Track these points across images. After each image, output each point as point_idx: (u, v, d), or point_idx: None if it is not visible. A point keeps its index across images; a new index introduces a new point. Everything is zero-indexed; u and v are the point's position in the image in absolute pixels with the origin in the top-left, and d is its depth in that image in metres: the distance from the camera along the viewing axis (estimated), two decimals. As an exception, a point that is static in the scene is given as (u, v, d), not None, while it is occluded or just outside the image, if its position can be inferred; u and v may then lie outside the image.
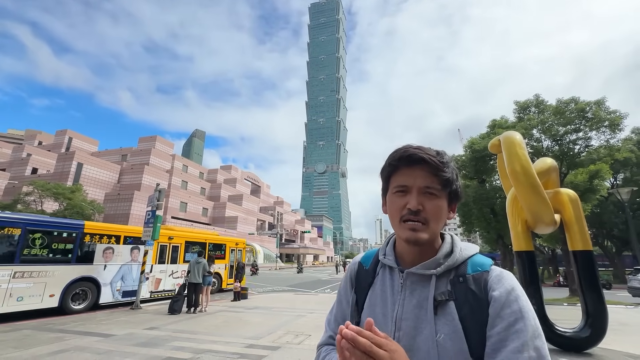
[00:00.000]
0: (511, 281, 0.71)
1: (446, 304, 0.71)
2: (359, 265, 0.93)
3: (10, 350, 5.23)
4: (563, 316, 8.99)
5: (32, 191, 36.04)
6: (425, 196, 0.75)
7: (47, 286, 8.52)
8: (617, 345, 5.29)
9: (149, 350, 5.36)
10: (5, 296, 7.70)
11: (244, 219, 64.95)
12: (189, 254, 12.73)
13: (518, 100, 16.23)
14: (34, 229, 8.61)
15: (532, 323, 0.66)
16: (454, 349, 0.67)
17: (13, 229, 8.22)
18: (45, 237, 8.78)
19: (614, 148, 14.50)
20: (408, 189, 0.76)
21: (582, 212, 4.36)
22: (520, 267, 4.62)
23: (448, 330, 0.69)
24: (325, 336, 0.93)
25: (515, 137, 4.78)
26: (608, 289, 20.46)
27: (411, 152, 0.77)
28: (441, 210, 0.76)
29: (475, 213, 15.62)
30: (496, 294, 0.69)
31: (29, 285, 8.18)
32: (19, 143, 70.13)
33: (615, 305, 12.02)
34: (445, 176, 0.76)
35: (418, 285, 0.77)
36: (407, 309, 0.75)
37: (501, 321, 0.66)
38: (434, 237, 0.78)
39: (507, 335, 0.65)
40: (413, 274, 0.78)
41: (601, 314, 4.07)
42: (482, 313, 0.68)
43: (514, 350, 0.63)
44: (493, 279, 0.72)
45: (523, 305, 0.67)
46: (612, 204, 25.37)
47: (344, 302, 0.92)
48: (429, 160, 0.75)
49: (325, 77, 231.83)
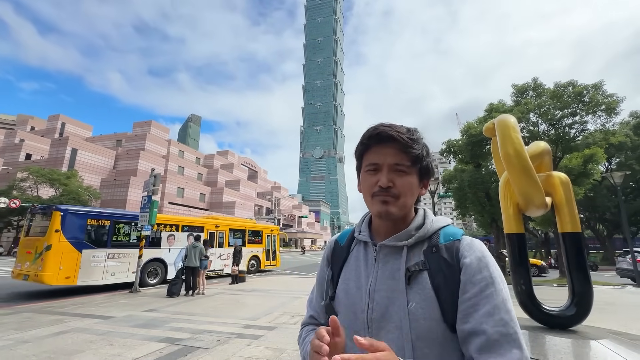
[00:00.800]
0: (481, 249, 0.74)
1: (419, 274, 0.73)
2: (335, 242, 0.95)
3: (11, 332, 5.34)
4: (552, 296, 9.26)
5: (27, 177, 35.74)
6: (395, 173, 0.77)
7: (130, 265, 10.68)
8: (602, 323, 5.49)
9: (147, 331, 5.49)
10: (104, 272, 10.11)
11: (242, 204, 65.10)
12: (232, 239, 15.12)
13: (516, 84, 16.08)
14: (118, 220, 10.87)
15: (501, 288, 0.69)
16: (424, 316, 0.70)
17: (105, 221, 10.43)
18: (127, 227, 11.07)
19: (609, 132, 14.53)
20: (379, 166, 0.78)
21: (573, 195, 4.42)
22: (511, 249, 4.71)
23: (419, 298, 0.71)
24: (307, 316, 0.96)
25: (509, 120, 4.76)
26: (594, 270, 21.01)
27: (381, 130, 0.78)
28: (411, 186, 0.78)
29: (470, 197, 15.75)
30: (467, 260, 0.71)
31: (118, 264, 10.52)
32: (11, 128, 68.95)
33: (603, 286, 12.39)
34: (415, 153, 0.78)
35: (391, 257, 0.79)
36: (380, 281, 0.77)
37: (472, 287, 0.68)
38: (405, 211, 0.80)
39: (479, 300, 0.67)
40: (386, 246, 0.80)
41: (587, 293, 4.20)
42: (454, 280, 0.71)
43: (485, 314, 0.66)
44: (464, 247, 0.74)
45: (493, 271, 0.70)
46: (606, 188, 25.67)
47: (322, 280, 0.94)
48: (398, 137, 0.77)
49: (322, 60, 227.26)
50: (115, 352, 4.37)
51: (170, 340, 4.96)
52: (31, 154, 50.01)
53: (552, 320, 4.21)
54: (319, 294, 0.94)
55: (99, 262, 9.97)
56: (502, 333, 0.64)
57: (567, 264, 4.31)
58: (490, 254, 0.75)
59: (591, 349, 3.60)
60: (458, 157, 17.48)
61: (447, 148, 17.70)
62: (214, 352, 4.41)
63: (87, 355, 4.24)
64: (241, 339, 5.06)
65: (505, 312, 0.66)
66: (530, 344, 3.85)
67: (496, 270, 0.71)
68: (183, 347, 4.64)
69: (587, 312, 4.14)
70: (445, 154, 18.00)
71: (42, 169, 36.47)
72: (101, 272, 10.00)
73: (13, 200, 30.10)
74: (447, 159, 19.31)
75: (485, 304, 0.66)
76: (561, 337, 3.85)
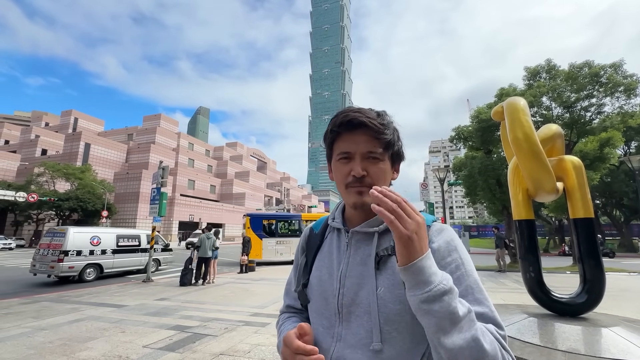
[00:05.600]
0: (450, 233, 0.74)
1: (388, 259, 0.72)
2: (310, 230, 0.95)
3: (29, 320, 5.55)
4: (565, 283, 9.10)
5: (43, 172, 36.80)
6: (368, 161, 0.76)
7: (291, 248, 15.60)
8: (616, 311, 5.36)
9: (158, 319, 5.63)
10: (276, 253, 15.47)
11: (251, 195, 65.76)
12: None
13: (528, 66, 15.47)
14: (280, 219, 17.03)
15: (471, 268, 0.70)
16: (392, 300, 0.68)
17: (272, 220, 16.52)
18: (285, 223, 17.14)
19: (627, 114, 13.92)
20: (351, 155, 0.76)
21: (586, 180, 4.26)
22: (520, 236, 4.60)
23: (388, 283, 0.70)
24: (284, 305, 0.97)
25: (519, 102, 4.59)
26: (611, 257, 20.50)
27: (351, 116, 0.75)
28: (385, 173, 0.77)
29: (480, 184, 15.43)
30: (435, 245, 0.71)
31: (284, 247, 15.81)
32: (27, 125, 70.73)
33: (619, 273, 12.10)
34: (387, 138, 0.76)
35: (362, 243, 0.78)
36: (352, 267, 0.76)
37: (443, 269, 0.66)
38: None
39: None
40: (358, 232, 0.79)
41: (598, 280, 4.08)
42: None
43: None
44: (433, 232, 0.73)
45: (461, 253, 0.71)
46: (623, 173, 24.82)
47: (296, 268, 0.94)
48: (369, 124, 0.74)
49: (330, 48, 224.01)
50: (127, 339, 4.50)
51: (180, 328, 5.07)
52: (47, 150, 51.34)
53: (562, 308, 4.12)
54: (294, 282, 0.94)
55: (272, 246, 15.54)
56: (477, 312, 0.63)
57: (578, 250, 4.19)
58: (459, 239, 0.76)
59: (602, 337, 3.52)
60: (468, 143, 17.10)
61: (456, 135, 17.32)
62: (222, 339, 4.49)
63: (100, 342, 4.38)
64: (248, 327, 5.14)
65: (479, 292, 0.67)
66: (538, 331, 3.79)
67: (464, 253, 0.72)
68: (192, 334, 4.74)
69: (599, 299, 4.03)
70: (455, 140, 17.62)
71: (57, 164, 37.49)
72: (274, 253, 15.39)
73: (31, 195, 31.13)
74: (457, 146, 18.92)
75: (457, 285, 0.65)
76: (571, 325, 3.77)
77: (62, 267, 9.54)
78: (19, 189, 32.89)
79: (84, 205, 34.12)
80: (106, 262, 10.98)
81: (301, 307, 0.89)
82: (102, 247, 10.87)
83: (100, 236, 10.97)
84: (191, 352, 4.04)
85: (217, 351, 4.07)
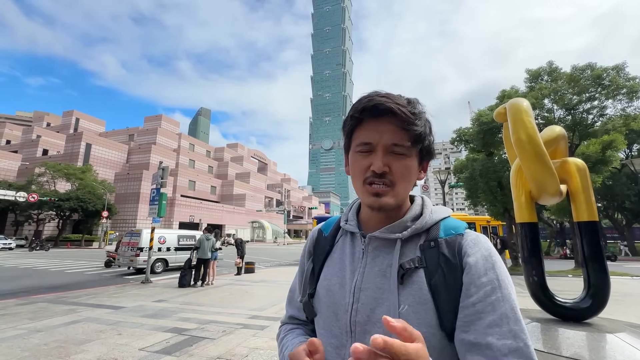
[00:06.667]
0: (488, 246, 0.63)
1: (414, 272, 0.62)
2: (319, 232, 0.83)
3: (25, 321, 5.49)
4: (567, 287, 9.01)
5: (44, 172, 36.83)
6: (392, 155, 0.65)
7: None
8: (619, 315, 5.28)
9: (156, 321, 5.56)
10: None
11: (252, 196, 65.75)
12: None
13: (530, 69, 15.41)
14: None
15: (509, 292, 0.59)
16: (418, 322, 0.58)
17: None
18: None
19: (630, 117, 13.83)
20: (373, 147, 0.65)
21: (590, 183, 4.18)
22: (522, 239, 4.52)
23: (413, 301, 0.60)
24: (286, 316, 0.86)
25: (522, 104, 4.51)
26: (613, 260, 20.39)
27: (377, 101, 0.64)
28: (410, 171, 0.66)
29: (481, 187, 15.34)
30: (471, 260, 0.60)
31: None
32: (28, 125, 70.90)
33: (621, 277, 12.00)
34: (417, 131, 0.65)
35: (382, 251, 0.67)
36: (368, 278, 0.66)
37: (477, 290, 0.58)
38: (402, 201, 0.68)
39: (483, 306, 0.57)
40: (376, 238, 0.68)
41: (603, 284, 4.00)
42: (455, 281, 0.60)
43: (490, 324, 0.55)
44: (468, 243, 0.63)
45: (500, 273, 0.60)
46: (625, 176, 24.72)
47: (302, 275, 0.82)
48: (398, 111, 0.63)
49: (331, 50, 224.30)
50: (123, 342, 4.44)
51: (177, 330, 5.01)
52: (48, 150, 51.42)
53: (565, 313, 4.04)
54: (298, 290, 0.83)
55: None
56: (512, 348, 0.54)
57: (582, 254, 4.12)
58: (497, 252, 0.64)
59: (607, 343, 3.44)
60: (469, 146, 17.03)
61: (457, 137, 17.24)
62: (219, 343, 4.42)
63: (96, 345, 4.31)
64: (247, 330, 5.07)
65: (515, 322, 0.56)
66: (542, 337, 3.71)
67: (503, 272, 0.61)
68: (189, 337, 4.67)
69: (604, 304, 3.96)
70: (457, 142, 17.55)
71: (58, 164, 37.53)
72: None
73: (32, 195, 31.14)
74: (459, 148, 18.85)
75: (490, 312, 0.56)
76: (575, 330, 3.69)
77: (138, 261, 11.17)
78: (20, 189, 32.90)
79: (85, 206, 34.12)
80: (170, 257, 13.21)
81: (306, 319, 0.79)
82: (167, 245, 12.88)
83: (166, 236, 12.94)
84: (188, 355, 3.98)
85: (215, 355, 4.00)
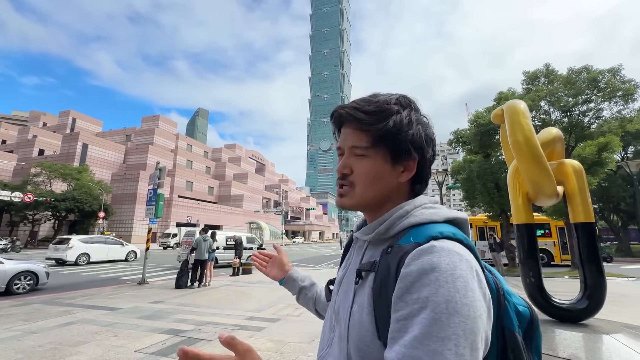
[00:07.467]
0: (438, 259, 0.51)
1: (368, 275, 0.62)
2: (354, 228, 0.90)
3: (20, 322, 5.44)
4: (564, 288, 9.05)
5: (40, 172, 36.56)
6: (355, 157, 0.66)
7: None
8: (616, 317, 5.31)
9: (152, 322, 5.53)
10: None
11: (250, 197, 65.58)
12: None
13: (527, 71, 15.51)
14: None
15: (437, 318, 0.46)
16: (359, 325, 0.58)
17: None
18: None
19: (625, 119, 13.95)
20: (342, 150, 0.70)
21: (586, 184, 4.21)
22: (519, 240, 4.55)
23: (361, 302, 0.60)
24: None
25: (519, 105, 4.54)
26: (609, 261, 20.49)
27: (334, 111, 0.70)
28: (370, 172, 0.64)
29: (479, 188, 15.38)
30: (406, 271, 0.53)
31: None
32: (24, 125, 70.41)
33: (617, 278, 12.07)
34: (375, 130, 0.63)
35: (359, 251, 0.71)
36: (347, 274, 0.71)
37: (403, 307, 0.51)
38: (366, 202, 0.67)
39: (407, 325, 0.49)
40: (357, 238, 0.74)
41: (599, 285, 4.02)
42: (389, 292, 0.55)
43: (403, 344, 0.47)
44: (414, 252, 0.54)
45: (435, 292, 0.48)
46: (621, 178, 24.90)
47: None
48: (352, 115, 0.65)
49: (329, 51, 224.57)
50: (119, 344, 4.40)
51: (174, 331, 4.98)
52: (44, 150, 51.04)
53: (562, 314, 4.06)
54: None
55: None
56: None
57: (579, 256, 4.13)
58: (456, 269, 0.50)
59: (604, 344, 3.45)
60: (466, 147, 17.08)
61: (455, 138, 17.31)
62: (216, 344, 4.40)
63: (91, 347, 4.28)
64: (244, 331, 5.05)
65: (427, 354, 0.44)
66: (539, 338, 3.72)
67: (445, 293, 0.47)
68: (186, 338, 4.65)
69: (600, 305, 3.98)
70: (454, 144, 17.62)
71: (54, 164, 37.25)
72: None
73: (27, 195, 30.88)
74: (456, 150, 18.92)
75: (409, 332, 0.48)
76: (572, 331, 3.70)
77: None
78: (15, 189, 32.61)
79: (81, 206, 33.89)
80: (220, 255, 15.00)
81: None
82: (217, 245, 13.56)
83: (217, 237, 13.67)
84: (184, 357, 3.95)
85: (211, 356, 3.97)
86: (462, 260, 0.52)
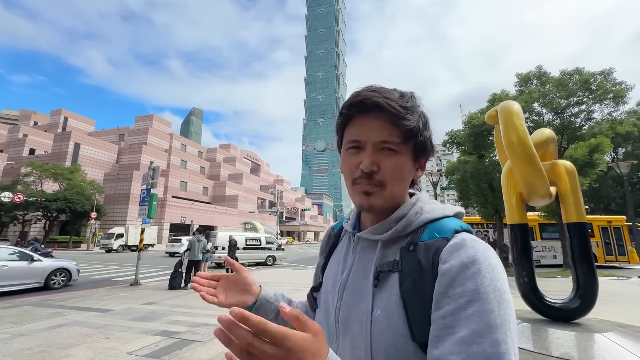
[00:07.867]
0: (472, 252, 0.53)
1: (389, 276, 0.59)
2: (331, 229, 0.86)
3: (8, 325, 5.32)
4: (556, 288, 9.14)
5: (30, 172, 35.95)
6: (382, 153, 0.62)
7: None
8: (606, 315, 5.38)
9: (145, 324, 5.45)
10: None
11: (245, 197, 65.27)
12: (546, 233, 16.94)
13: (520, 73, 15.70)
14: None
15: (491, 308, 0.48)
16: (388, 328, 0.56)
17: None
18: None
19: (616, 121, 14.18)
20: (362, 144, 0.63)
21: (579, 184, 4.25)
22: (513, 240, 4.58)
23: (385, 305, 0.58)
24: None
25: (513, 106, 4.58)
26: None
27: (364, 96, 0.61)
28: (401, 169, 0.63)
29: (472, 188, 15.52)
30: (446, 267, 0.53)
31: None
32: (14, 124, 69.25)
33: (608, 277, 12.24)
34: (408, 125, 0.61)
35: (367, 251, 0.67)
36: (353, 277, 0.66)
37: (448, 302, 0.50)
38: (392, 201, 0.65)
39: (454, 321, 0.49)
40: (363, 239, 0.68)
41: (591, 285, 4.06)
42: (427, 290, 0.54)
43: (459, 341, 0.47)
44: (449, 247, 0.55)
45: (483, 284, 0.49)
46: (612, 179, 25.34)
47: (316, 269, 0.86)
48: (386, 105, 0.60)
49: (324, 52, 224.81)
50: (110, 346, 4.33)
51: (167, 333, 4.92)
52: (35, 149, 50.20)
53: (555, 313, 4.10)
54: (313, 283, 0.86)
55: None
56: None
57: (571, 255, 4.18)
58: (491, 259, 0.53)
59: (595, 342, 3.49)
60: (461, 148, 17.23)
61: (449, 139, 17.45)
62: (210, 345, 4.35)
63: (82, 349, 4.20)
64: (238, 332, 5.00)
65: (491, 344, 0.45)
66: (532, 337, 3.75)
67: (489, 283, 0.50)
68: (179, 340, 4.59)
69: (592, 304, 4.02)
70: (448, 145, 17.75)
71: (45, 164, 36.64)
72: None
73: (17, 195, 30.34)
74: (450, 150, 19.06)
75: (463, 328, 0.48)
76: (565, 330, 3.74)
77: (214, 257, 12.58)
78: (5, 189, 32.01)
79: (73, 206, 33.38)
80: (240, 255, 15.16)
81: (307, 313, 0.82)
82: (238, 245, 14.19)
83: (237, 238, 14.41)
84: (178, 359, 3.90)
85: (205, 358, 3.93)
86: (489, 249, 0.55)
